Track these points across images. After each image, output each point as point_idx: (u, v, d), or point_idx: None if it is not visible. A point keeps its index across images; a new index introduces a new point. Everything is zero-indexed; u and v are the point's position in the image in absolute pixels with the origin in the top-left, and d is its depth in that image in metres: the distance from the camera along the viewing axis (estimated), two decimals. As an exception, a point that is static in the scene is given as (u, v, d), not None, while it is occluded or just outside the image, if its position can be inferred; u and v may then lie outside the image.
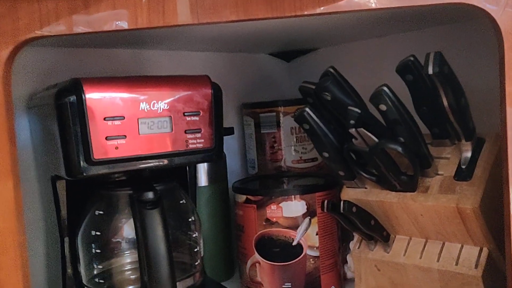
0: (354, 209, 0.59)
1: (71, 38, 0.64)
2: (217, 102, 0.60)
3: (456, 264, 0.58)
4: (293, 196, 0.69)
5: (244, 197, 0.71)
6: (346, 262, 0.76)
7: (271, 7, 0.46)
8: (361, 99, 0.62)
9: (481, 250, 0.57)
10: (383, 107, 0.54)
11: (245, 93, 0.95)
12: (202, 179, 0.78)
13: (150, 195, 0.54)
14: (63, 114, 0.52)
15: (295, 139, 0.84)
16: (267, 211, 0.69)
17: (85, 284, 0.61)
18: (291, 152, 0.84)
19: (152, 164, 0.56)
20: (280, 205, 0.69)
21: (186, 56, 0.86)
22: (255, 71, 0.97)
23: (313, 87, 0.62)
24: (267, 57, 0.98)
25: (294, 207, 0.69)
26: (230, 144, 0.90)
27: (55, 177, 0.60)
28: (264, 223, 0.70)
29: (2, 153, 0.48)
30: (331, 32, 0.75)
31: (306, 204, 0.69)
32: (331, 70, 0.62)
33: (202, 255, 0.65)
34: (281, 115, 0.84)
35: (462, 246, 0.58)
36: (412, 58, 0.55)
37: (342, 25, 0.70)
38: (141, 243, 0.54)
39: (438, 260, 0.59)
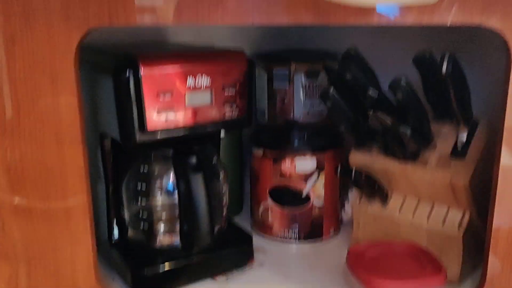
0: (363, 176, 0.69)
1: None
2: (251, 75, 0.67)
3: (443, 224, 0.69)
4: (306, 153, 0.78)
5: (261, 151, 0.81)
6: (344, 208, 0.88)
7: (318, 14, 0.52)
8: (377, 79, 0.70)
9: (464, 214, 0.69)
10: (399, 95, 0.63)
11: (256, 41, 1.00)
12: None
13: (193, 159, 0.63)
14: (122, 89, 0.59)
15: (304, 95, 0.92)
16: (282, 165, 0.79)
17: (127, 223, 0.71)
18: (300, 106, 0.92)
19: (195, 132, 0.64)
20: (294, 161, 0.78)
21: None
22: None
23: (336, 66, 0.69)
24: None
25: (306, 163, 0.79)
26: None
27: (103, 135, 0.67)
28: (278, 175, 0.80)
29: (75, 125, 0.56)
30: None
31: (316, 161, 0.79)
32: (353, 50, 0.69)
33: (228, 205, 0.75)
34: (293, 71, 0.91)
35: (448, 209, 0.70)
36: (428, 53, 0.63)
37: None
38: (185, 200, 0.63)
39: (427, 220, 0.71)
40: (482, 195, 0.67)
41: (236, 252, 0.73)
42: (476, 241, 0.70)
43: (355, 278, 0.66)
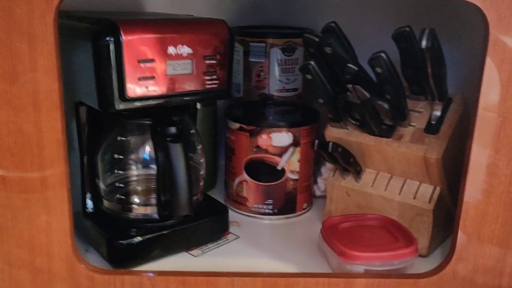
0: (339, 149, 0.70)
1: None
2: (231, 46, 0.67)
3: (414, 198, 0.71)
4: (282, 128, 0.79)
5: (238, 125, 0.80)
6: (316, 182, 0.89)
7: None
8: (355, 55, 0.70)
9: (435, 188, 0.71)
10: (379, 70, 0.64)
11: (232, 16, 0.99)
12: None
13: (173, 129, 0.62)
14: (101, 55, 0.57)
15: (280, 70, 0.92)
16: (258, 140, 0.79)
17: (102, 193, 0.70)
18: (275, 81, 0.93)
19: (175, 102, 0.63)
20: (270, 135, 0.79)
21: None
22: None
23: (317, 39, 0.69)
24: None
25: (282, 138, 0.79)
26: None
27: (78, 103, 0.66)
28: (254, 149, 0.80)
29: (53, 91, 0.54)
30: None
31: (292, 136, 0.79)
32: (333, 25, 0.70)
33: (204, 177, 0.75)
34: (269, 46, 0.91)
35: (420, 184, 0.72)
36: (407, 29, 0.64)
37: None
38: (164, 170, 0.63)
39: (399, 194, 0.73)
40: (453, 170, 0.70)
41: (211, 223, 0.73)
42: (446, 215, 0.73)
43: (329, 249, 0.68)
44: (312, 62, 0.66)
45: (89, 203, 0.71)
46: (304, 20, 0.98)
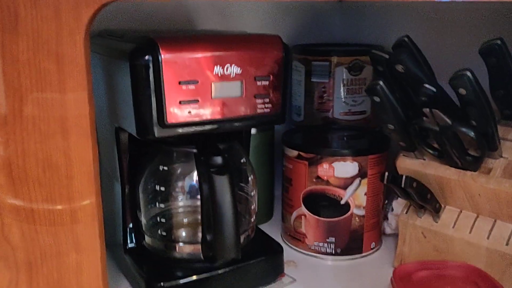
0: (414, 184, 0.60)
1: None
2: (286, 66, 0.59)
3: (506, 244, 0.59)
4: (346, 157, 0.69)
5: (295, 152, 0.72)
6: (387, 218, 0.78)
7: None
8: (433, 73, 0.60)
9: (533, 233, 0.59)
10: (463, 91, 0.53)
11: (295, 35, 0.92)
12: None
13: (219, 160, 0.55)
14: (138, 75, 0.51)
15: (346, 91, 0.83)
16: (319, 169, 0.70)
17: (144, 228, 0.64)
18: (340, 103, 0.84)
19: (221, 128, 0.56)
20: (332, 164, 0.70)
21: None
22: (304, 9, 0.93)
23: (386, 56, 0.60)
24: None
25: (347, 167, 0.70)
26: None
27: (118, 129, 0.60)
28: (314, 179, 0.71)
29: (83, 117, 0.48)
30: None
31: (358, 166, 0.70)
32: (406, 39, 0.60)
33: (256, 211, 0.67)
34: (334, 65, 0.82)
35: (514, 227, 0.60)
36: (499, 42, 0.53)
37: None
38: (208, 205, 0.55)
39: (488, 238, 0.61)
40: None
41: (264, 264, 0.64)
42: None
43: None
44: (381, 82, 0.57)
45: (131, 238, 0.64)
46: (374, 37, 0.88)
